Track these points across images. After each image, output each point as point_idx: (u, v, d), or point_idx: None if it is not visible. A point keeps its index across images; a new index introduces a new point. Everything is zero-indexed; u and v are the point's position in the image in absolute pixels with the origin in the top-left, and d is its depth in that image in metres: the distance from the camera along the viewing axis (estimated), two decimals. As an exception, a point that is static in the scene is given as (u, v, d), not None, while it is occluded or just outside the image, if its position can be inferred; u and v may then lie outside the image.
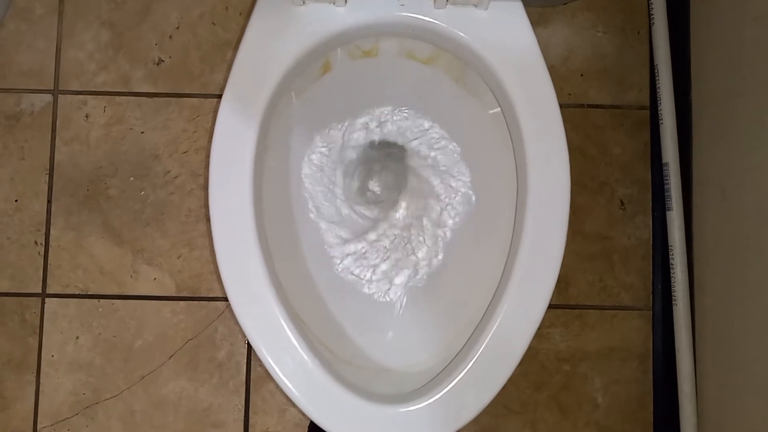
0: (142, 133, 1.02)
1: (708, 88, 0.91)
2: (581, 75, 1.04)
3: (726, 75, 0.87)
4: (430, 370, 0.70)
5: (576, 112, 1.03)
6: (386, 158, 0.82)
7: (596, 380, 1.00)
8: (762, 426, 0.77)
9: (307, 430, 0.96)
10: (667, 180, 0.92)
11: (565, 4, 1.04)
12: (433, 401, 0.63)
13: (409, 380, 0.69)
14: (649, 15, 0.98)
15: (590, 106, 1.04)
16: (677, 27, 0.97)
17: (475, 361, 0.66)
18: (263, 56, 0.67)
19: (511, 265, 0.69)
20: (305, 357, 0.65)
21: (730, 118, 0.85)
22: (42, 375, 0.99)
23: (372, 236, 0.81)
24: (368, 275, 0.82)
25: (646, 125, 1.03)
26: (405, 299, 0.81)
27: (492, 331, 0.67)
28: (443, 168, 0.82)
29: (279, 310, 0.66)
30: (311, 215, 0.82)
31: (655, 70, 0.95)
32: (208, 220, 1.01)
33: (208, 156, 1.01)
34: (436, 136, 0.81)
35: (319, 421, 0.62)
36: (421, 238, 0.82)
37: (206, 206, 1.01)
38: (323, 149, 0.81)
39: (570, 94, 1.03)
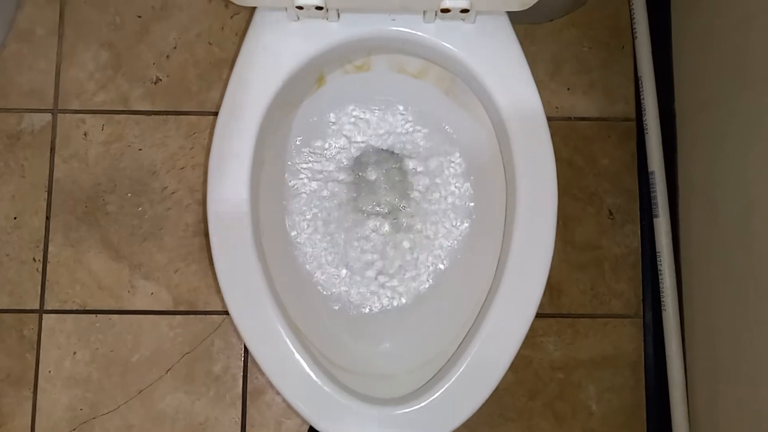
0: (140, 150, 1.04)
1: (691, 97, 0.94)
2: (568, 89, 1.07)
3: (707, 84, 0.90)
4: (425, 375, 0.71)
5: (564, 125, 1.06)
6: (381, 168, 0.84)
7: (590, 388, 1.01)
8: (753, 428, 0.78)
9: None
10: (653, 188, 0.95)
11: (551, 20, 1.08)
12: (428, 403, 0.64)
13: (403, 384, 0.70)
14: (632, 29, 1.01)
15: (577, 118, 1.06)
16: (659, 40, 1.00)
17: (467, 366, 0.67)
18: (259, 70, 0.70)
19: (500, 274, 0.71)
20: (302, 362, 0.66)
21: (714, 126, 0.88)
22: (39, 390, 0.99)
23: (368, 246, 0.83)
24: (365, 286, 0.83)
25: (632, 136, 1.05)
26: (401, 309, 0.82)
27: (482, 337, 0.68)
28: (436, 179, 0.84)
29: (276, 317, 0.67)
30: (307, 227, 0.83)
31: (639, 82, 0.98)
32: (205, 234, 1.03)
33: (205, 172, 1.04)
34: (429, 146, 0.83)
35: (314, 422, 0.63)
36: (416, 248, 0.84)
37: (203, 221, 1.03)
38: (319, 161, 0.83)
39: (558, 108, 1.06)
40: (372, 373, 0.76)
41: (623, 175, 1.05)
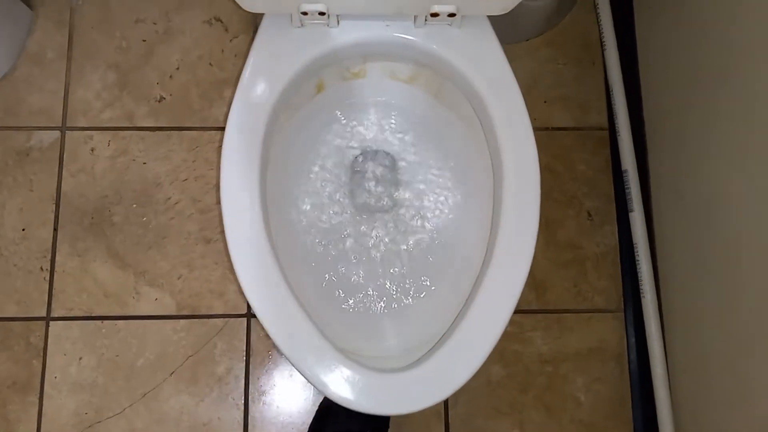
0: (144, 163, 1.10)
1: (657, 105, 1.03)
2: (545, 102, 1.15)
3: (671, 93, 0.98)
4: (422, 351, 0.76)
5: (542, 135, 1.14)
6: (376, 168, 0.91)
7: (578, 380, 1.06)
8: (729, 400, 0.84)
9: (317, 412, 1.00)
10: (627, 185, 1.02)
11: (527, 40, 1.17)
12: (429, 367, 0.69)
13: (403, 360, 0.75)
14: (602, 45, 1.11)
15: (555, 129, 1.14)
16: (626, 56, 1.09)
17: (460, 337, 0.71)
18: (266, 72, 0.76)
19: (489, 259, 0.76)
20: (314, 336, 0.70)
21: (679, 128, 0.96)
22: (45, 396, 1.02)
23: (366, 242, 0.88)
24: (366, 279, 0.88)
25: (606, 144, 1.14)
26: (400, 299, 0.87)
27: (474, 310, 0.73)
28: (428, 176, 0.91)
29: (294, 306, 0.71)
30: (308, 223, 0.89)
31: (610, 91, 1.07)
32: (207, 242, 1.08)
33: (208, 182, 1.09)
34: (420, 145, 0.90)
35: (327, 391, 0.67)
36: (411, 241, 0.89)
37: (205, 229, 1.08)
38: (320, 162, 0.90)
39: (536, 119, 1.14)
40: (375, 356, 0.80)
41: (599, 180, 1.13)
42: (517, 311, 0.79)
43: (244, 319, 1.05)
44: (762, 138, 0.75)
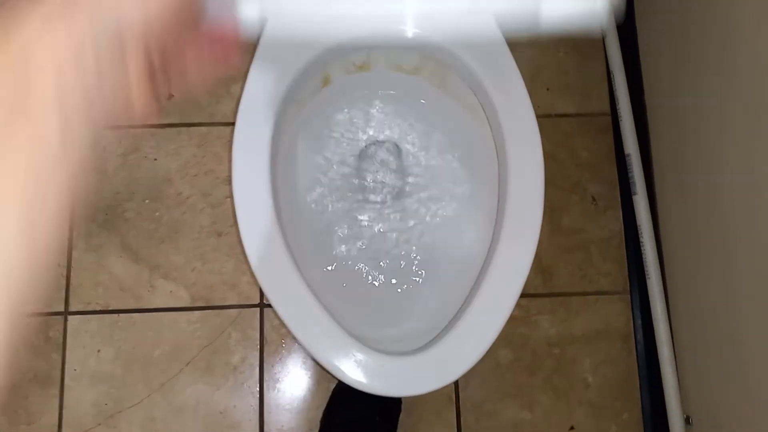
0: (155, 160, 1.12)
1: (658, 88, 1.04)
2: (547, 89, 1.17)
3: (672, 75, 1.00)
4: (429, 336, 0.78)
5: (545, 122, 1.15)
6: (382, 158, 0.93)
7: (585, 361, 1.08)
8: (734, 379, 0.86)
9: (330, 396, 1.02)
10: (630, 169, 1.04)
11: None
12: (436, 350, 0.71)
13: (412, 344, 0.77)
14: (602, 30, 1.12)
15: (557, 115, 1.16)
16: (626, 40, 1.11)
17: (468, 321, 0.73)
18: (273, 68, 0.78)
19: (494, 245, 0.78)
20: (329, 324, 0.72)
21: (680, 111, 0.97)
22: (65, 388, 1.05)
23: (374, 229, 0.90)
24: (373, 267, 0.91)
25: (608, 130, 1.15)
26: (408, 285, 0.90)
27: (481, 294, 0.75)
28: (432, 163, 0.93)
29: (307, 293, 0.73)
30: (317, 212, 0.91)
31: (611, 77, 1.09)
32: (218, 235, 1.10)
33: (217, 177, 1.12)
34: (425, 135, 0.92)
35: (341, 375, 0.70)
36: (418, 229, 0.92)
37: (216, 222, 1.10)
38: (327, 153, 0.92)
39: (539, 106, 1.15)
40: (383, 340, 0.83)
41: (603, 165, 1.14)
42: (523, 295, 0.81)
43: (257, 309, 1.08)
44: (761, 122, 0.77)
